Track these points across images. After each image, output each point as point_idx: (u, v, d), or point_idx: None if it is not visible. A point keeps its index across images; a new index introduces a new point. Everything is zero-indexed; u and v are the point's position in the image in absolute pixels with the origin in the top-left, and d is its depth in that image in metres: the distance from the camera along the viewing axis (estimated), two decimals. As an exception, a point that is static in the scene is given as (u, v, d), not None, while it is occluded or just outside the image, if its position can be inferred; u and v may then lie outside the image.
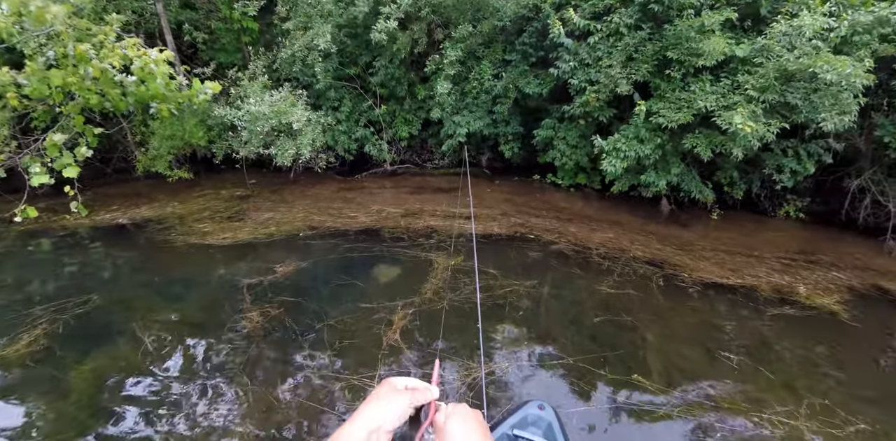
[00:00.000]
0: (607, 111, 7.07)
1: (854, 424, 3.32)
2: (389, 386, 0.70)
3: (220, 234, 5.46)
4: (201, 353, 3.48)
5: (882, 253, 6.73)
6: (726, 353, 3.90)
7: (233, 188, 7.49)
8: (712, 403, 3.33)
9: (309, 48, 8.10)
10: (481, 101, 8.90)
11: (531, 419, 2.29)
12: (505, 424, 2.23)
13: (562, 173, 8.72)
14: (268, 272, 4.54)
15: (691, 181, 6.89)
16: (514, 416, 2.30)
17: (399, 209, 6.53)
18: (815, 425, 3.24)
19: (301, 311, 3.93)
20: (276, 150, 7.32)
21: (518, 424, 2.23)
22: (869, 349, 4.29)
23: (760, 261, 5.89)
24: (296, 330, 3.65)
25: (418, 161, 9.88)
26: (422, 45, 8.49)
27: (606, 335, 4.06)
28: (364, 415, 0.65)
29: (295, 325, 3.73)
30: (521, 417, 2.28)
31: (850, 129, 5.19)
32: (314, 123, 7.82)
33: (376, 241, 5.32)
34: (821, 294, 5.15)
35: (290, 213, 6.13)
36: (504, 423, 2.26)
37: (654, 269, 5.28)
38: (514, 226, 6.28)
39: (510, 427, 2.21)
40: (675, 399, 3.32)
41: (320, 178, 7.96)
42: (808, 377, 3.75)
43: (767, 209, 8.04)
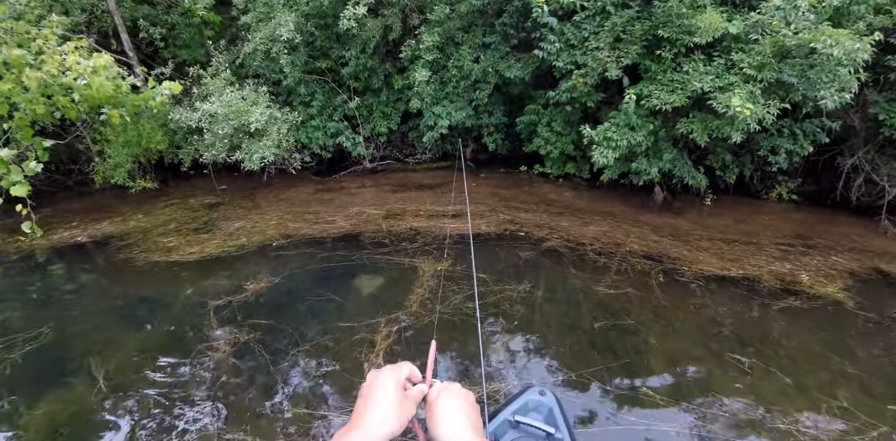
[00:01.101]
0: (595, 96, 6.71)
1: (876, 427, 3.12)
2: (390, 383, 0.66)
3: (186, 249, 5.02)
4: (162, 392, 3.10)
5: (878, 233, 6.59)
6: (736, 355, 3.66)
7: (202, 196, 7.00)
8: (727, 414, 3.08)
9: (272, 39, 7.53)
10: (461, 90, 8.47)
11: (532, 405, 2.30)
12: (506, 410, 2.24)
13: (549, 163, 8.40)
14: (237, 291, 4.14)
15: (683, 167, 6.62)
16: (516, 403, 2.30)
17: (380, 210, 6.14)
18: (836, 433, 3.02)
19: (273, 335, 3.56)
20: (242, 153, 6.82)
21: (519, 410, 2.24)
22: (879, 340, 4.10)
23: (759, 248, 5.69)
24: (267, 358, 3.29)
25: (399, 156, 9.45)
26: (396, 31, 7.98)
27: (608, 341, 3.78)
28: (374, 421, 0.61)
29: (266, 352, 3.36)
30: (523, 403, 2.29)
31: (845, 106, 4.94)
32: (279, 122, 7.31)
33: (356, 248, 4.95)
34: (823, 282, 4.95)
35: (263, 221, 5.70)
36: (505, 409, 2.27)
37: (652, 263, 5.02)
38: (502, 223, 5.96)
39: (511, 413, 2.21)
40: (688, 414, 3.06)
41: (296, 179, 7.50)
42: (823, 378, 3.53)
43: (760, 192, 7.85)
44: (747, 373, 3.48)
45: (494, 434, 2.16)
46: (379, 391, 0.65)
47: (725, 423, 3.01)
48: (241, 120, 6.88)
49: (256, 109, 7.03)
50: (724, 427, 2.98)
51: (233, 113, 6.86)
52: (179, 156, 7.60)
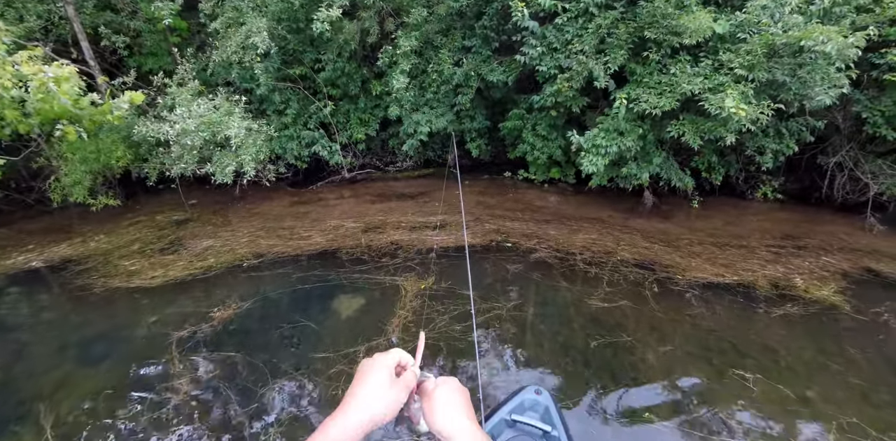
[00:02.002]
0: (580, 100, 6.54)
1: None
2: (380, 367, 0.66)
3: (149, 273, 4.63)
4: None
5: (864, 230, 6.57)
6: (739, 370, 3.48)
7: (170, 212, 6.58)
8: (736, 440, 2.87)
9: (245, 48, 7.18)
10: (442, 96, 8.23)
11: (528, 404, 2.32)
12: (503, 410, 2.26)
13: (534, 168, 8.21)
14: (203, 319, 3.79)
15: (670, 169, 6.50)
16: (512, 402, 2.31)
17: (359, 223, 5.83)
18: None
19: (241, 372, 3.23)
20: (213, 166, 6.44)
21: (515, 410, 2.26)
22: (877, 346, 3.98)
23: (751, 251, 5.57)
24: (234, 400, 2.96)
25: (379, 165, 9.15)
26: (373, 35, 7.71)
27: (604, 361, 3.56)
28: (358, 404, 0.61)
29: (233, 392, 3.03)
30: (518, 403, 2.31)
31: (829, 105, 4.86)
32: (255, 133, 6.96)
33: (333, 267, 4.64)
34: (818, 284, 4.85)
35: (234, 239, 5.34)
36: (502, 409, 2.28)
37: (644, 272, 4.84)
38: (488, 233, 5.72)
39: (508, 412, 2.24)
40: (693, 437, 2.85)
41: (270, 192, 7.14)
42: (829, 391, 3.37)
43: (745, 192, 7.80)
44: (751, 389, 3.29)
45: (492, 433, 2.18)
46: (368, 376, 0.65)
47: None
48: (213, 132, 6.49)
49: (233, 121, 6.65)
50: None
51: (204, 124, 6.48)
52: (145, 170, 7.16)
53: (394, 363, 0.68)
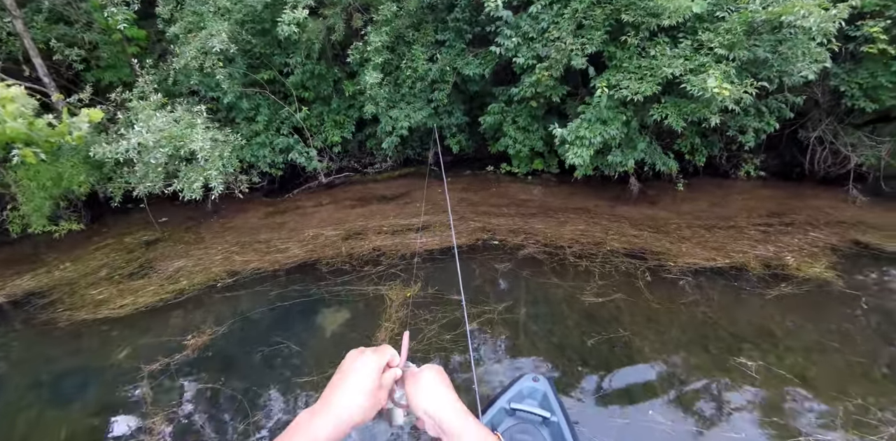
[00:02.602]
0: (560, 89, 6.37)
1: (892, 423, 2.88)
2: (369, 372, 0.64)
3: (117, 301, 4.35)
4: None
5: (847, 203, 6.58)
6: (740, 358, 3.38)
7: (139, 232, 6.25)
8: (742, 435, 2.76)
9: (204, 52, 6.82)
10: (418, 91, 7.98)
11: (527, 392, 2.32)
12: (502, 399, 2.26)
13: (516, 161, 8.05)
14: (176, 348, 3.55)
15: (654, 153, 6.39)
16: (510, 391, 2.31)
17: (339, 230, 5.60)
18: (854, 436, 2.76)
19: (218, 404, 3.01)
20: (180, 183, 6.11)
21: (514, 398, 2.27)
22: (872, 320, 3.94)
23: (739, 232, 5.50)
24: (210, 437, 2.74)
25: (358, 167, 8.88)
26: (339, 32, 7.39)
27: (601, 358, 3.43)
28: (335, 405, 0.60)
29: (210, 427, 2.81)
30: (517, 391, 2.31)
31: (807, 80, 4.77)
32: (222, 144, 6.63)
33: (313, 280, 4.41)
34: (809, 261, 4.80)
35: (207, 257, 5.07)
36: (501, 398, 2.28)
37: (636, 262, 4.72)
38: (474, 232, 5.54)
39: (507, 401, 2.24)
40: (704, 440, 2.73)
41: (244, 203, 6.84)
42: (830, 372, 3.29)
43: (728, 171, 7.77)
44: (753, 377, 3.20)
45: (492, 423, 2.16)
46: (356, 376, 0.63)
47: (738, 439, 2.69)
48: (176, 146, 6.15)
49: (196, 133, 6.31)
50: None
51: (165, 139, 6.13)
52: (110, 190, 6.79)
53: (383, 365, 0.66)
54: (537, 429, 2.16)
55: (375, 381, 0.63)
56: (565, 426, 2.14)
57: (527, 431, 2.13)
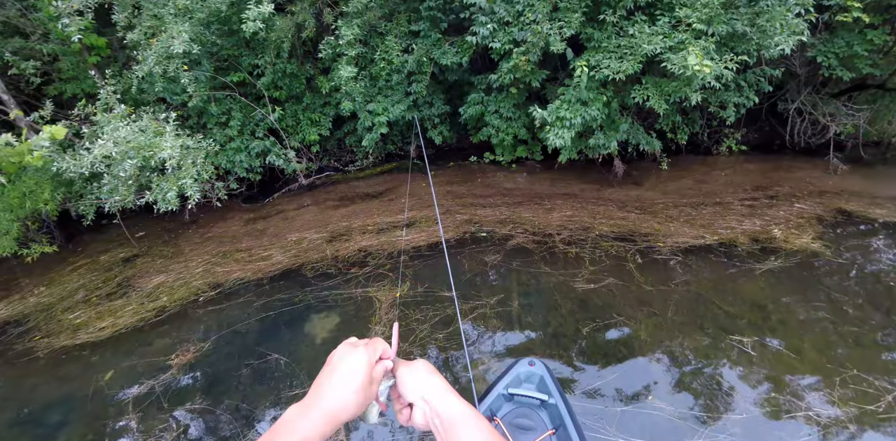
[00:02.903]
0: (539, 74, 6.23)
1: (889, 391, 2.90)
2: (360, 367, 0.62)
3: (96, 324, 4.17)
4: None
5: (829, 172, 6.63)
6: (737, 336, 3.36)
7: (116, 249, 6.02)
8: (744, 415, 2.75)
9: (168, 57, 6.52)
10: (395, 83, 7.77)
11: (524, 376, 2.33)
12: (499, 385, 2.26)
13: (500, 150, 7.93)
14: (161, 369, 3.41)
15: (637, 134, 6.33)
16: (507, 377, 2.32)
17: (323, 233, 5.45)
18: (854, 407, 2.77)
19: (208, 425, 2.90)
20: (152, 194, 5.87)
21: (511, 383, 2.28)
22: (861, 288, 3.96)
23: (726, 208, 5.50)
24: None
25: (339, 166, 8.67)
26: (309, 29, 7.12)
27: (598, 346, 3.38)
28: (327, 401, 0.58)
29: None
30: (514, 376, 2.32)
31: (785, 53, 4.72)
32: (194, 151, 6.38)
33: (299, 286, 4.28)
34: (796, 233, 4.81)
35: (187, 271, 4.89)
36: (498, 384, 2.28)
37: (625, 244, 4.68)
38: (461, 225, 5.44)
39: (505, 387, 2.25)
40: (706, 424, 2.70)
41: (224, 211, 6.63)
42: (825, 344, 3.30)
43: (710, 148, 7.77)
44: (752, 355, 3.18)
45: (490, 409, 2.16)
46: (349, 371, 0.61)
47: (749, 425, 2.67)
48: (144, 156, 5.89)
49: (165, 141, 6.05)
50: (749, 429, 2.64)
51: (133, 149, 5.87)
52: (81, 208, 6.51)
53: (376, 358, 0.65)
54: (536, 412, 2.17)
55: (368, 376, 0.61)
56: (563, 408, 2.14)
57: (526, 415, 2.14)
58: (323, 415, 0.56)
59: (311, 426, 0.54)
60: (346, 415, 0.58)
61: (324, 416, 0.56)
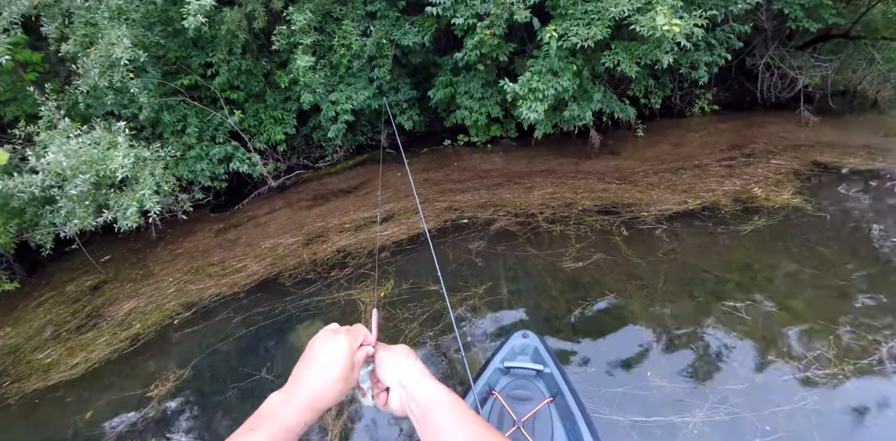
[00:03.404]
0: (506, 47, 5.96)
1: (880, 343, 2.90)
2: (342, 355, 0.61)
3: (68, 361, 3.91)
4: None
5: (800, 125, 6.62)
6: (729, 302, 3.31)
7: (82, 278, 5.66)
8: (744, 385, 2.71)
9: (111, 66, 6.01)
10: (357, 70, 7.38)
11: (518, 349, 2.37)
12: (495, 360, 2.29)
13: (474, 131, 7.69)
14: (141, 403, 3.21)
15: (611, 102, 6.16)
16: (502, 351, 2.35)
17: (298, 236, 5.21)
18: (850, 364, 2.76)
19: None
20: (111, 212, 5.50)
21: (507, 357, 2.31)
22: (845, 241, 3.97)
23: (704, 171, 5.44)
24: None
25: (308, 163, 8.32)
26: (260, 19, 6.65)
27: (591, 325, 3.31)
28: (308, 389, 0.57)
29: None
30: (509, 350, 2.35)
31: (752, 7, 4.56)
32: (151, 162, 5.99)
33: (278, 296, 4.08)
34: (776, 190, 4.78)
35: (159, 293, 4.63)
36: (494, 358, 2.30)
37: (609, 218, 4.58)
38: (441, 213, 5.26)
39: (500, 361, 2.27)
40: (706, 397, 2.66)
41: (192, 224, 6.30)
42: (816, 301, 3.28)
43: (683, 110, 7.67)
44: (746, 319, 3.14)
45: (488, 384, 2.18)
46: (331, 359, 0.60)
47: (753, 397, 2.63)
48: (98, 171, 5.48)
49: (117, 153, 5.63)
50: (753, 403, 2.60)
51: (85, 164, 5.45)
52: (38, 237, 6.09)
53: (356, 346, 0.64)
54: (533, 382, 2.19)
55: (348, 364, 0.61)
56: (559, 376, 2.18)
57: (523, 386, 2.16)
58: (304, 403, 0.56)
59: (293, 414, 0.54)
60: (326, 402, 0.58)
61: (305, 404, 0.56)
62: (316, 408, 0.57)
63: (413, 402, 0.60)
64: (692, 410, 2.56)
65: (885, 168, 5.09)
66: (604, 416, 2.62)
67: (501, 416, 2.03)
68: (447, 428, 0.55)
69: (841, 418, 2.45)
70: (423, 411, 0.58)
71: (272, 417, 0.54)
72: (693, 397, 2.64)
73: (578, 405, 2.05)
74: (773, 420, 2.45)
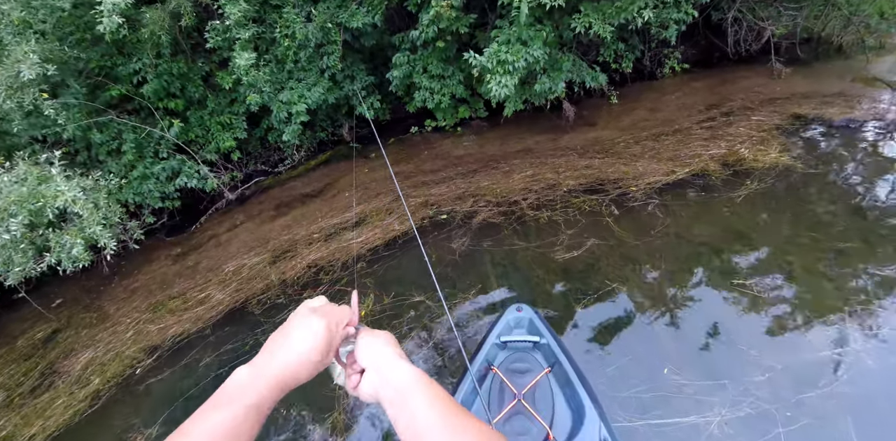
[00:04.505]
0: (466, 19, 5.42)
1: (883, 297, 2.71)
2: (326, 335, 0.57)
3: (25, 433, 3.36)
4: None
5: (773, 78, 6.41)
6: (739, 280, 3.07)
7: (33, 329, 5.03)
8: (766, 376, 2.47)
9: (19, 87, 5.25)
10: (306, 62, 6.69)
11: (513, 322, 2.37)
12: (492, 335, 2.28)
13: (440, 114, 7.20)
14: (104, 472, 2.80)
15: (581, 70, 5.77)
16: (498, 326, 2.34)
17: (263, 254, 4.73)
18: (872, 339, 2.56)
19: None
20: (53, 254, 4.88)
21: (503, 331, 2.31)
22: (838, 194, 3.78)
23: (686, 135, 5.16)
24: None
25: (267, 168, 7.71)
26: (188, 15, 5.88)
27: (597, 323, 3.02)
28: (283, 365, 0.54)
29: None
30: (504, 324, 2.34)
31: None
32: (94, 192, 5.35)
33: (247, 328, 3.64)
34: (762, 149, 4.55)
35: (117, 337, 4.12)
36: (490, 334, 2.30)
37: (597, 197, 4.27)
38: (416, 210, 4.85)
39: (497, 336, 2.27)
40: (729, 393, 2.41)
41: (147, 252, 5.71)
42: (828, 270, 3.07)
43: (654, 72, 7.35)
44: (758, 297, 2.91)
45: (487, 359, 2.17)
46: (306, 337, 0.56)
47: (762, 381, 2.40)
48: (31, 210, 4.83)
49: (58, 187, 4.97)
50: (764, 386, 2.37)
51: (14, 204, 4.80)
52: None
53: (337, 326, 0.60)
54: (530, 354, 2.20)
55: (325, 344, 0.57)
56: (555, 346, 2.18)
57: (521, 359, 2.17)
58: (276, 379, 0.52)
59: (264, 391, 0.51)
60: (297, 381, 0.55)
61: (277, 381, 0.52)
62: (286, 386, 0.53)
63: (387, 385, 0.57)
64: (715, 407, 2.32)
65: (863, 116, 4.95)
66: (624, 423, 2.36)
67: (502, 391, 2.02)
68: (419, 408, 0.53)
69: (874, 399, 2.24)
70: (395, 393, 0.56)
71: (240, 393, 0.51)
72: (717, 392, 2.39)
73: (576, 372, 2.05)
74: (797, 407, 2.24)
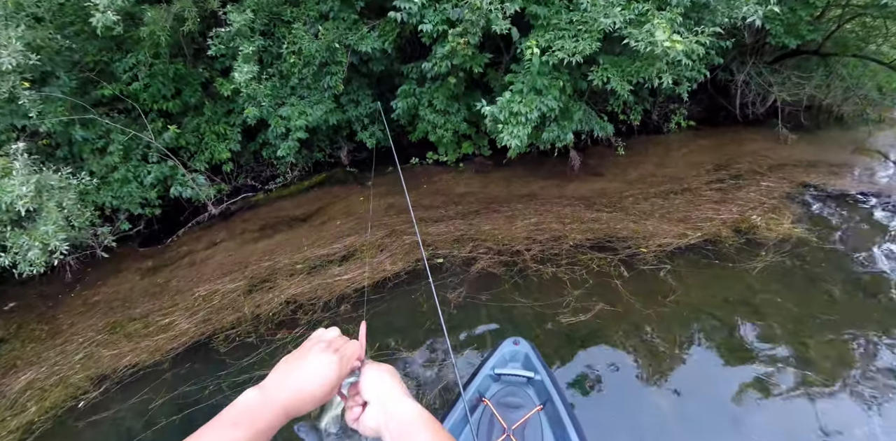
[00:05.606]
0: (481, 58, 5.35)
1: None
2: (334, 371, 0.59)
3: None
4: None
5: (779, 142, 6.48)
6: (756, 365, 2.83)
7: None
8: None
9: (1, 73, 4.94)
10: (311, 81, 6.54)
11: (509, 356, 2.37)
12: (486, 367, 2.28)
13: (442, 148, 7.07)
14: None
15: (591, 119, 5.72)
16: (493, 358, 2.34)
17: (240, 281, 4.34)
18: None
19: None
20: (8, 256, 4.44)
21: (498, 364, 2.30)
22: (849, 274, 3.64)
23: (696, 195, 5.07)
24: None
25: (257, 184, 7.37)
26: (192, 19, 5.70)
27: (606, 395, 2.72)
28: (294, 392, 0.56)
29: None
30: (500, 357, 2.35)
31: (761, 24, 4.24)
32: (59, 190, 4.96)
33: (209, 369, 3.23)
34: (775, 218, 4.45)
35: (64, 358, 3.64)
36: (485, 365, 2.30)
37: (605, 255, 4.06)
38: (410, 250, 4.56)
39: (491, 368, 2.27)
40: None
41: (116, 261, 5.25)
42: (849, 351, 2.86)
43: (660, 126, 7.41)
44: (772, 385, 2.66)
45: (479, 390, 2.16)
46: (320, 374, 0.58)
47: None
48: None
49: (13, 180, 4.59)
50: None
51: None
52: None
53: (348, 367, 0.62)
54: (523, 389, 2.18)
55: (335, 384, 0.59)
56: (549, 383, 2.16)
57: (514, 394, 2.15)
58: (283, 409, 0.54)
59: (272, 417, 0.53)
60: (299, 411, 0.56)
61: (284, 410, 0.54)
62: (291, 415, 0.55)
63: (391, 420, 0.58)
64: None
65: (871, 189, 4.97)
66: None
67: (491, 424, 2.00)
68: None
69: None
70: (399, 428, 0.57)
71: (250, 417, 0.52)
72: None
73: (568, 413, 2.02)
74: None
